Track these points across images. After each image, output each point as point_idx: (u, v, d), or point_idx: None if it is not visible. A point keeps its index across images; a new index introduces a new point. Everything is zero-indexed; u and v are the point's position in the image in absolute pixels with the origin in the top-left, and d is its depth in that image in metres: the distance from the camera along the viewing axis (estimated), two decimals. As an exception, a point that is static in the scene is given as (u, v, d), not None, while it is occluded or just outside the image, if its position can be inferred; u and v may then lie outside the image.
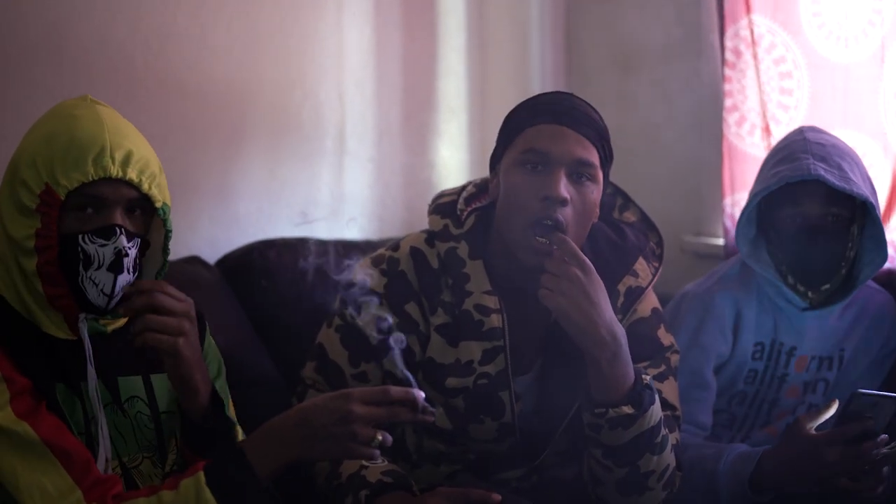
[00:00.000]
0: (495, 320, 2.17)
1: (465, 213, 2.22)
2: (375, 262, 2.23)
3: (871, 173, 2.58)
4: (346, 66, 3.21)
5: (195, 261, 2.69)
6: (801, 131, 2.53)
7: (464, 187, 2.28)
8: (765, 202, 2.46)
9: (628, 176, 3.11)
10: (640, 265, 2.25)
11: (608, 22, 3.64)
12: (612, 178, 2.39)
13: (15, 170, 1.82)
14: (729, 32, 3.14)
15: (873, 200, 2.43)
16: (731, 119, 3.15)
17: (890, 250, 2.57)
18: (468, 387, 2.17)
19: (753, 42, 3.09)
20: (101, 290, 1.83)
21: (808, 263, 2.46)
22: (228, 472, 1.82)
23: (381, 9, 3.29)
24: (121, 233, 1.82)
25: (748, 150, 3.11)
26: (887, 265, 2.67)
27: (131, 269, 1.85)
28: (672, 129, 3.48)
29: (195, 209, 2.88)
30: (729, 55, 3.15)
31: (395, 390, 1.83)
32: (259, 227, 3.00)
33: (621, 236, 2.27)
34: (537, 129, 2.11)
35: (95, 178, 1.78)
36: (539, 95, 2.22)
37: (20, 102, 2.53)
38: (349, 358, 2.22)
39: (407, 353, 2.16)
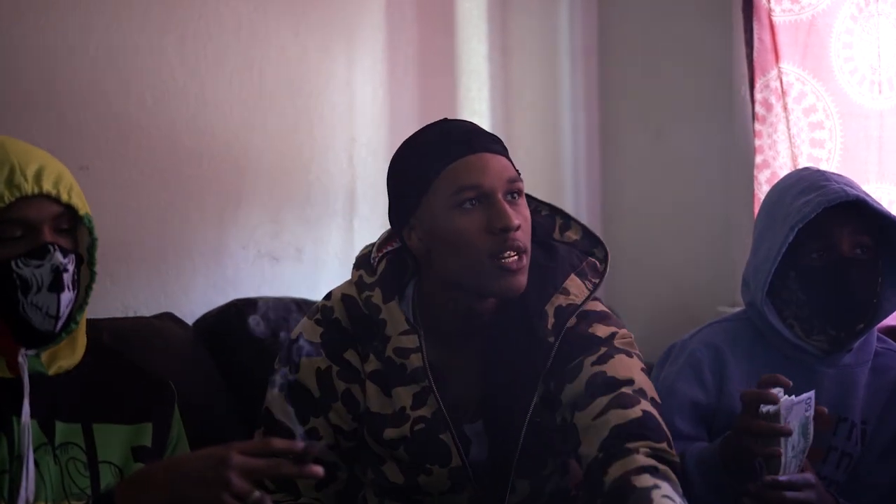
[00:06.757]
0: (415, 360, 2.08)
1: (377, 259, 2.16)
2: (311, 314, 2.20)
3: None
4: (356, 126, 3.14)
5: (166, 317, 2.61)
6: (806, 168, 2.39)
7: (381, 237, 2.24)
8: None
9: (660, 245, 3.22)
10: (573, 283, 2.14)
11: (641, 81, 3.63)
12: (646, 244, 2.30)
13: None
14: (759, 84, 3.15)
15: None
16: (761, 177, 3.15)
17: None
18: (406, 435, 2.09)
19: (783, 92, 3.09)
20: (47, 313, 1.84)
21: (843, 301, 2.27)
22: None
23: (395, 67, 3.23)
24: (54, 250, 1.83)
25: (780, 210, 3.04)
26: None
27: (71, 286, 1.86)
28: (703, 192, 3.44)
29: (189, 272, 2.80)
30: (759, 108, 3.19)
31: (278, 441, 1.75)
32: (258, 290, 2.89)
33: (550, 257, 2.17)
34: (458, 166, 2.01)
35: (12, 199, 1.80)
36: (425, 134, 2.12)
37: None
38: (296, 414, 2.16)
39: (352, 402, 2.14)
